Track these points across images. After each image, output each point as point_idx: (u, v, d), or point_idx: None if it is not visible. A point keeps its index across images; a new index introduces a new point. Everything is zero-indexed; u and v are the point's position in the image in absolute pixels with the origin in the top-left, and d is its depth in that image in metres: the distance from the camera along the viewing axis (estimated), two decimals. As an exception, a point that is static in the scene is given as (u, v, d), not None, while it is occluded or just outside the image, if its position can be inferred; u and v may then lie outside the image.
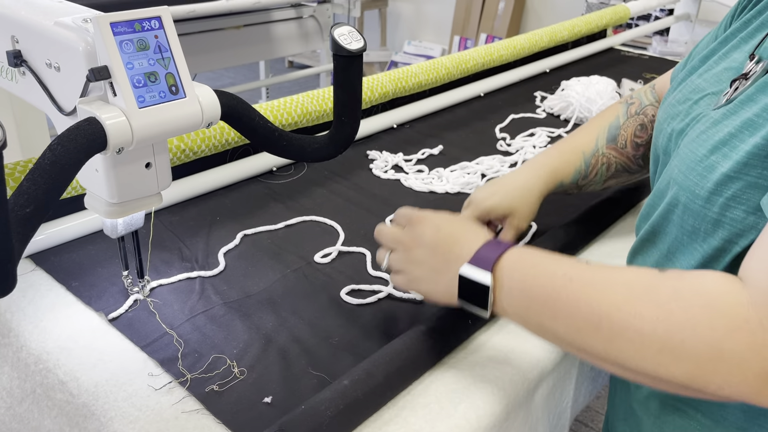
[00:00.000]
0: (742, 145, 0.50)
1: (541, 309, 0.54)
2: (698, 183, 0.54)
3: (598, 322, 0.50)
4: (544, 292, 0.54)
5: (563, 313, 0.53)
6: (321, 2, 2.91)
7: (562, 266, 0.55)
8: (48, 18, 0.58)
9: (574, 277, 0.53)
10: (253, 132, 0.64)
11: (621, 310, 0.49)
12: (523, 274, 0.57)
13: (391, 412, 0.58)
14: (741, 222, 0.51)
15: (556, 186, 0.82)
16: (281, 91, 4.07)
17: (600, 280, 0.52)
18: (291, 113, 1.01)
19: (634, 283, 0.51)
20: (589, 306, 0.51)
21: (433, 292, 0.63)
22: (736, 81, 0.56)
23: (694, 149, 0.55)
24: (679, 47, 2.41)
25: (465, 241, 0.61)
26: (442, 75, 1.30)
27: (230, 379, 0.60)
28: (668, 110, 0.64)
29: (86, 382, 0.59)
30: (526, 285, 0.56)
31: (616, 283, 0.51)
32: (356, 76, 0.66)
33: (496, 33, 4.19)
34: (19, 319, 0.66)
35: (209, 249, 0.80)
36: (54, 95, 0.59)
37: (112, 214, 0.60)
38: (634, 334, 0.48)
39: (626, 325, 0.49)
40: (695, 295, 0.47)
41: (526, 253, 0.58)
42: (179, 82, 0.56)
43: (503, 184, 0.80)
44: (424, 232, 0.63)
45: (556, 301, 0.53)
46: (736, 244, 0.52)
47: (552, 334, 0.55)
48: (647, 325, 0.47)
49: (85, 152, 0.51)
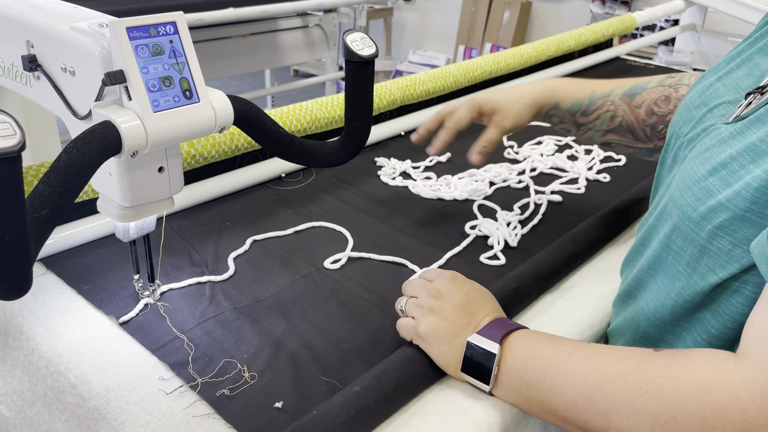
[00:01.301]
0: (741, 170, 0.49)
1: (540, 383, 0.54)
2: (692, 204, 0.52)
3: (593, 395, 0.50)
4: (543, 365, 0.54)
5: (560, 388, 0.53)
6: (327, 11, 2.93)
7: (563, 343, 0.56)
8: (63, 23, 0.58)
9: (573, 352, 0.54)
10: (265, 137, 0.65)
11: (613, 384, 0.49)
12: (526, 348, 0.57)
13: (402, 419, 0.58)
14: (726, 253, 0.50)
15: (551, 103, 0.83)
16: (286, 99, 4.09)
17: (596, 355, 0.53)
18: (300, 120, 1.02)
19: (627, 357, 0.51)
20: (584, 379, 0.51)
21: (438, 352, 0.61)
22: (751, 95, 0.55)
23: (695, 167, 0.54)
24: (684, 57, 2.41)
25: (484, 314, 0.61)
26: (449, 83, 1.31)
27: (241, 383, 0.60)
28: (683, 112, 0.63)
29: (97, 385, 0.59)
30: (527, 358, 0.56)
31: (611, 357, 0.52)
32: (368, 82, 0.66)
33: (501, 42, 4.20)
34: (31, 323, 0.66)
35: (219, 254, 0.80)
36: (68, 99, 0.59)
37: (124, 217, 0.61)
38: (626, 408, 0.48)
39: (618, 399, 0.49)
40: (685, 371, 0.47)
41: (533, 332, 0.59)
42: (193, 87, 0.56)
43: (502, 88, 0.84)
44: (454, 288, 0.63)
45: (555, 374, 0.53)
46: (716, 275, 0.51)
47: (552, 412, 0.54)
48: (638, 399, 0.47)
49: (100, 155, 0.51)
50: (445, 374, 0.63)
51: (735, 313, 0.52)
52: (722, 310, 0.53)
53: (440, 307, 0.62)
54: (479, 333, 0.59)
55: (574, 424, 0.53)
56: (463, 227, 0.90)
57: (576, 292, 0.78)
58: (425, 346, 0.62)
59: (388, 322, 0.70)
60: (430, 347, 0.61)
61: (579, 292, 0.78)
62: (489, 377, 0.57)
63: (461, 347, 0.59)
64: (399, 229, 0.89)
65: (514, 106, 0.81)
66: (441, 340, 0.60)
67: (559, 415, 0.54)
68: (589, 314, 0.73)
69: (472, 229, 0.89)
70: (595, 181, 1.08)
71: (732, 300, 0.52)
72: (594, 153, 1.17)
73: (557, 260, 0.79)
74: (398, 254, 0.82)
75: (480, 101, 0.82)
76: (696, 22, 2.31)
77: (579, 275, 0.82)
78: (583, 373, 0.52)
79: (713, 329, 0.54)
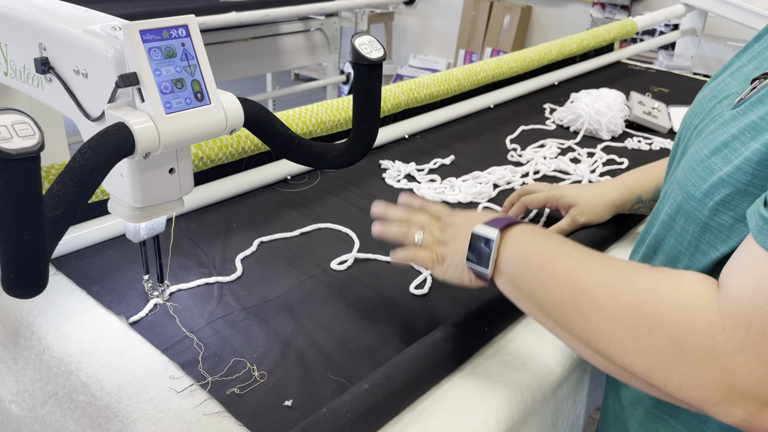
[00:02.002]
0: (742, 148, 0.50)
1: (534, 276, 0.56)
2: (695, 183, 0.53)
3: (580, 297, 0.52)
4: (542, 260, 0.56)
5: (552, 284, 0.54)
6: (328, 16, 2.94)
7: (568, 244, 0.57)
8: (76, 26, 0.59)
9: (573, 254, 0.55)
10: (274, 139, 0.65)
11: (602, 289, 0.51)
12: (528, 241, 0.59)
13: (410, 416, 0.59)
14: (728, 228, 0.51)
15: (634, 198, 0.86)
16: (287, 103, 4.10)
17: (594, 260, 0.54)
18: (306, 122, 1.03)
19: (621, 269, 0.52)
20: (576, 280, 0.53)
21: (452, 266, 0.64)
22: (756, 80, 0.55)
23: (699, 149, 0.55)
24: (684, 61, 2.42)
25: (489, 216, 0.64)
26: (452, 86, 1.32)
27: (250, 382, 0.61)
28: (695, 107, 0.64)
29: (108, 384, 0.60)
30: (528, 251, 0.58)
31: (607, 266, 0.53)
32: (376, 85, 0.67)
33: (501, 47, 4.22)
34: (41, 323, 0.67)
35: (226, 255, 0.81)
36: (80, 101, 0.60)
37: (135, 218, 0.61)
38: (607, 314, 0.49)
39: (602, 304, 0.50)
40: (670, 290, 0.47)
41: (541, 229, 0.61)
42: (205, 89, 0.57)
43: (584, 185, 0.91)
44: (455, 216, 0.67)
45: (550, 271, 0.55)
46: (717, 250, 0.52)
47: (539, 306, 0.56)
48: (620, 309, 0.49)
49: (114, 156, 0.52)
50: (451, 372, 0.64)
51: None
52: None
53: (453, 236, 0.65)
54: (485, 223, 0.62)
55: (555, 322, 0.54)
56: (467, 229, 0.91)
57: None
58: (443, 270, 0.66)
59: (395, 322, 0.71)
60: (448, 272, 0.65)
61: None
62: (488, 262, 0.60)
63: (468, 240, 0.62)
64: (404, 230, 0.90)
65: (592, 206, 0.87)
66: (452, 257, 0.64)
67: (545, 310, 0.55)
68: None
69: (477, 230, 0.90)
70: (597, 184, 1.08)
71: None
72: (596, 156, 1.18)
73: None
74: (404, 255, 0.83)
75: (560, 194, 0.88)
76: (696, 26, 2.32)
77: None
78: (577, 274, 0.53)
79: None
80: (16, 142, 0.40)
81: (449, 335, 0.65)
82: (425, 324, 0.71)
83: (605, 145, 1.25)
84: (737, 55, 0.65)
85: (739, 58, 0.64)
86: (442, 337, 0.64)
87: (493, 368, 0.65)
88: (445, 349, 0.64)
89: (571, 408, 0.73)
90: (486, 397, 0.61)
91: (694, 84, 1.74)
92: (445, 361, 0.63)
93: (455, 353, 0.64)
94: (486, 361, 0.66)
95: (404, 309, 0.73)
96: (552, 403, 0.67)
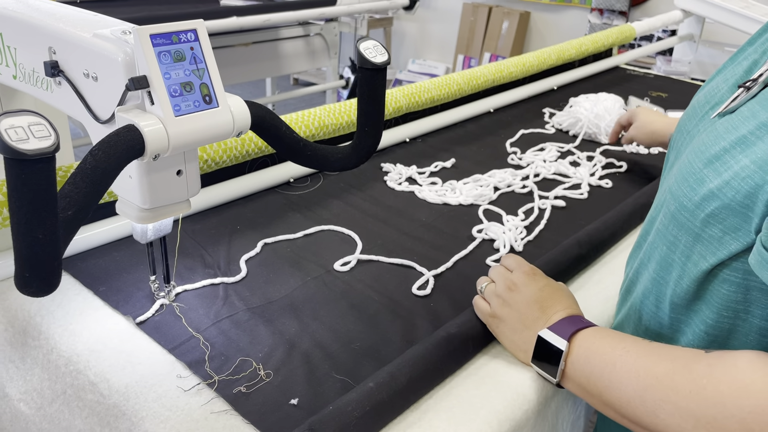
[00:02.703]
0: (732, 161, 0.51)
1: (599, 377, 0.57)
2: (687, 195, 0.54)
3: (644, 393, 0.52)
4: (602, 361, 0.57)
5: (616, 383, 0.55)
6: (328, 21, 2.96)
7: (625, 340, 0.58)
8: (86, 30, 0.60)
9: (631, 350, 0.56)
10: (280, 141, 0.66)
11: (661, 383, 0.51)
12: (590, 344, 0.60)
13: (414, 415, 0.60)
14: (717, 240, 0.52)
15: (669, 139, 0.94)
16: (287, 107, 4.11)
17: (651, 354, 0.55)
18: (309, 126, 1.04)
19: (678, 357, 0.53)
20: (637, 377, 0.54)
21: (509, 339, 0.67)
22: (742, 87, 0.57)
23: (692, 160, 0.56)
24: (682, 67, 2.44)
25: (555, 310, 0.65)
26: (453, 91, 1.33)
27: (257, 381, 0.61)
28: (690, 110, 0.66)
29: (116, 383, 0.60)
30: (589, 354, 0.59)
31: (664, 356, 0.54)
32: (380, 89, 0.68)
33: (499, 52, 4.24)
34: (49, 323, 0.68)
35: (231, 256, 0.81)
36: (90, 104, 0.61)
37: (143, 219, 0.62)
38: (672, 407, 0.50)
39: (665, 398, 0.51)
40: (726, 372, 0.48)
41: (600, 329, 0.62)
42: (213, 92, 0.58)
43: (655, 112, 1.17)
44: (530, 283, 0.68)
45: (612, 371, 0.56)
46: (707, 261, 0.53)
47: (609, 405, 0.56)
48: (682, 400, 0.49)
49: (124, 157, 0.52)
50: (455, 372, 0.65)
51: (728, 301, 0.53)
52: (714, 300, 0.55)
53: (514, 299, 0.66)
54: (550, 328, 0.62)
55: (629, 419, 0.55)
56: (468, 231, 0.92)
57: (581, 294, 0.80)
58: (497, 332, 0.68)
59: (398, 322, 0.72)
60: (500, 333, 0.67)
61: (584, 294, 0.80)
62: (556, 371, 0.61)
63: (531, 339, 0.64)
64: (406, 232, 0.91)
65: (641, 127, 1.14)
66: (512, 329, 0.66)
67: (616, 409, 0.56)
68: (593, 317, 0.75)
69: (479, 232, 0.91)
70: (597, 187, 1.09)
71: (722, 289, 0.53)
72: (596, 159, 1.20)
73: (562, 263, 0.80)
74: (406, 257, 0.84)
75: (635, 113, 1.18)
76: (694, 32, 2.34)
77: (584, 278, 0.83)
78: (636, 371, 0.54)
79: (709, 319, 0.55)
80: (33, 143, 0.41)
81: (452, 335, 0.66)
82: (428, 324, 0.72)
83: (604, 148, 1.26)
84: (731, 59, 0.66)
85: (732, 62, 0.65)
86: (445, 337, 0.65)
87: (496, 369, 0.66)
88: (448, 348, 0.64)
89: (572, 409, 0.74)
90: (489, 398, 0.62)
91: (692, 89, 1.75)
92: (448, 360, 0.64)
93: (458, 353, 0.65)
94: (489, 362, 0.67)
95: (407, 310, 0.74)
96: (553, 404, 0.68)
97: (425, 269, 0.82)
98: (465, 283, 0.80)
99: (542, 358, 0.62)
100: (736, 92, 0.57)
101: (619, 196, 1.06)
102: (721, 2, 2.09)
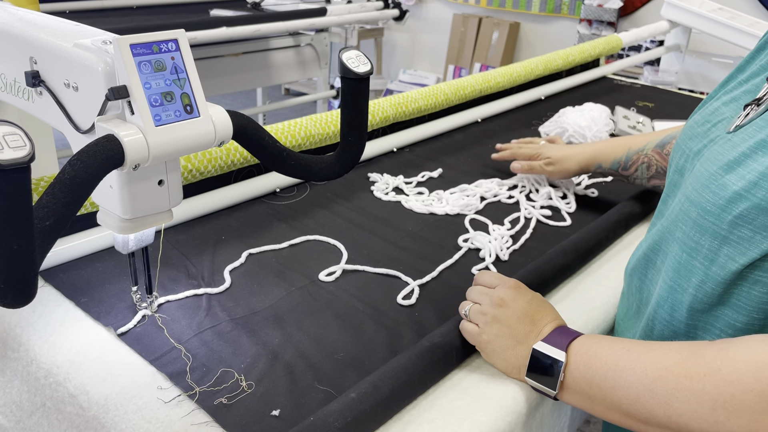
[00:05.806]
0: (755, 164, 0.52)
1: (602, 381, 0.57)
2: (710, 200, 0.55)
3: (654, 385, 0.52)
4: (604, 363, 0.57)
5: (622, 382, 0.55)
6: (318, 31, 2.97)
7: (621, 342, 0.59)
8: (67, 40, 0.60)
9: (631, 349, 0.56)
10: (263, 151, 0.66)
11: (672, 372, 0.52)
12: (586, 350, 0.60)
13: (397, 426, 0.59)
14: (747, 241, 0.52)
15: (595, 165, 1.03)
16: (277, 117, 4.11)
17: (654, 349, 0.55)
18: (295, 135, 1.04)
19: (683, 348, 0.53)
20: (644, 371, 0.54)
21: (500, 357, 0.65)
22: (749, 106, 0.58)
23: (708, 168, 0.57)
24: (669, 77, 2.46)
25: (545, 322, 0.65)
26: (440, 101, 1.33)
27: (238, 392, 0.61)
28: (688, 131, 0.66)
29: (96, 395, 0.60)
30: (588, 359, 0.59)
31: (669, 349, 0.54)
32: (363, 98, 0.68)
33: (490, 62, 4.26)
34: (29, 334, 0.67)
35: (215, 267, 0.81)
36: (71, 114, 0.61)
37: (124, 229, 0.62)
38: (687, 393, 0.50)
39: (678, 385, 0.51)
40: (740, 351, 0.49)
41: (592, 335, 0.62)
42: (194, 102, 0.58)
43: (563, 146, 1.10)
44: (517, 297, 0.67)
45: (615, 371, 0.56)
46: (736, 262, 0.54)
47: (615, 407, 0.56)
48: (697, 384, 0.50)
49: (103, 168, 0.52)
50: (437, 382, 0.64)
51: (759, 303, 0.54)
52: (744, 303, 0.55)
53: (504, 315, 0.66)
54: (544, 341, 0.62)
55: (637, 418, 0.54)
56: (454, 241, 0.92)
57: (566, 303, 0.80)
58: (488, 351, 0.66)
59: (383, 332, 0.71)
60: (492, 353, 0.66)
61: (569, 304, 0.80)
62: (555, 383, 0.60)
63: (526, 353, 0.63)
64: (392, 242, 0.91)
65: (562, 161, 1.06)
66: (503, 346, 0.65)
67: (623, 410, 0.55)
68: (578, 326, 0.75)
69: (465, 242, 0.91)
70: (583, 196, 1.10)
71: (754, 291, 0.54)
72: (582, 169, 1.20)
73: (547, 272, 0.80)
74: (392, 267, 0.84)
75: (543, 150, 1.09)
76: (680, 42, 2.36)
77: (569, 287, 0.83)
78: (643, 366, 0.54)
79: (738, 323, 0.56)
80: (7, 153, 0.41)
81: (436, 345, 0.66)
82: (413, 334, 0.71)
83: (591, 158, 1.26)
84: (721, 85, 0.68)
85: (723, 87, 0.67)
86: (428, 347, 0.65)
87: (479, 379, 0.66)
88: (432, 359, 0.64)
89: (556, 421, 0.74)
90: (472, 409, 0.62)
91: (679, 99, 1.76)
92: (431, 371, 0.64)
93: (442, 363, 0.65)
94: (472, 372, 0.67)
95: (392, 320, 0.74)
96: (537, 415, 0.68)
97: (410, 279, 0.81)
98: (450, 293, 0.80)
99: (538, 371, 0.62)
100: (746, 110, 0.58)
101: (604, 205, 1.06)
102: (707, 13, 2.11)
